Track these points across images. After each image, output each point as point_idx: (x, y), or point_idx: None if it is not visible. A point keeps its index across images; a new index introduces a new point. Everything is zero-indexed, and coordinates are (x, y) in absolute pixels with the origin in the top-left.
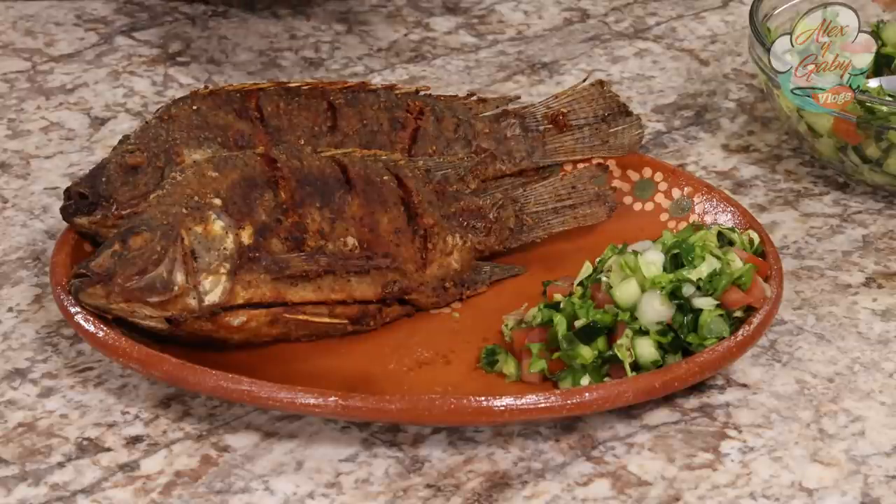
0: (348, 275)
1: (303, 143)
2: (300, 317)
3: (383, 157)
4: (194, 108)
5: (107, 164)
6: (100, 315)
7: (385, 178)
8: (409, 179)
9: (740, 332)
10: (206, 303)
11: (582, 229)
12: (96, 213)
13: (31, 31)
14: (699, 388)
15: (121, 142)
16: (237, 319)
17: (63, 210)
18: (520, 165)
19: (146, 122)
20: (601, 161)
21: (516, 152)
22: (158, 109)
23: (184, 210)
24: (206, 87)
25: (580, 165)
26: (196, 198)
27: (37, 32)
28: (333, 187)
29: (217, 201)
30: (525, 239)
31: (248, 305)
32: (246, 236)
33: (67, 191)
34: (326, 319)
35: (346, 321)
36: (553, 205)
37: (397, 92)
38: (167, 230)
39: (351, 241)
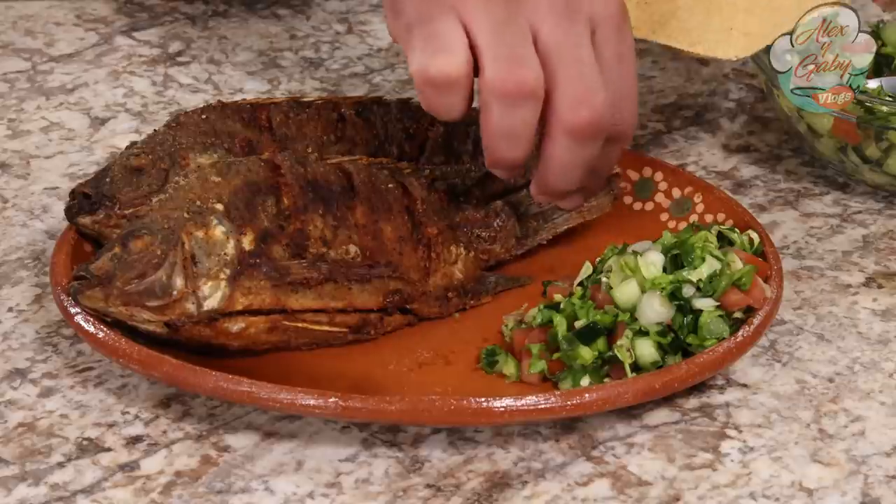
0: (349, 283)
1: (311, 150)
2: (300, 324)
3: (389, 165)
4: (203, 116)
5: (111, 166)
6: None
7: (390, 185)
8: (415, 188)
9: (740, 333)
10: (205, 308)
11: (582, 229)
12: (99, 213)
13: (31, 31)
14: (699, 388)
15: (127, 147)
16: (236, 326)
17: (67, 210)
18: (527, 177)
19: (154, 131)
20: None
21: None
22: (168, 120)
23: (185, 214)
24: (219, 102)
25: None
26: (198, 202)
27: (37, 32)
28: (337, 194)
29: (219, 206)
30: (531, 244)
31: (248, 312)
32: (247, 242)
33: (73, 192)
34: (326, 328)
35: (346, 330)
36: None
37: (413, 103)
38: (168, 234)
39: (353, 248)
